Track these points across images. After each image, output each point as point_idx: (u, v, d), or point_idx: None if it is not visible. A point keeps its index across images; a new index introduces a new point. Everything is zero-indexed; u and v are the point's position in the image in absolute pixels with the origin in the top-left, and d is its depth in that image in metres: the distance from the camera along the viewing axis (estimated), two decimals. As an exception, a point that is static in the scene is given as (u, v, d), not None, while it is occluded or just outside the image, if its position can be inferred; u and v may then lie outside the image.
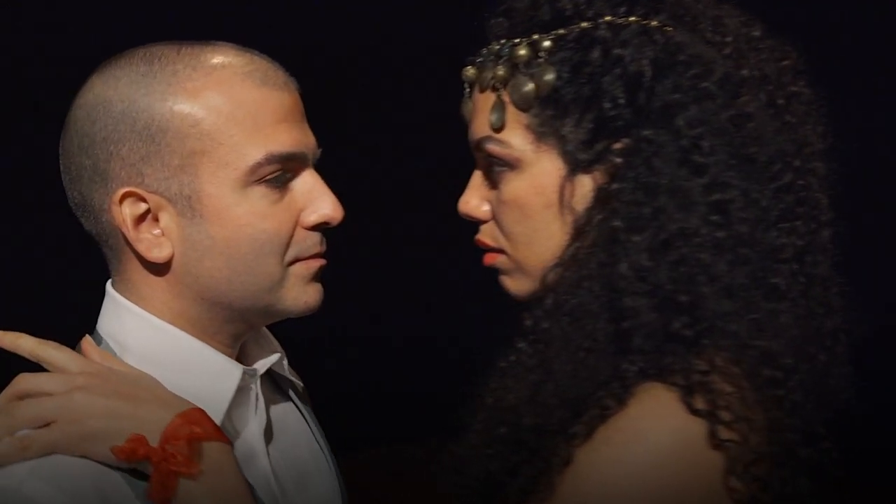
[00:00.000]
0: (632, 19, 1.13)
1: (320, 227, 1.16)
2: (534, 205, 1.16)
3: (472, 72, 1.22)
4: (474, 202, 1.23)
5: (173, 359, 1.13)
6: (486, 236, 1.23)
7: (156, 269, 1.13)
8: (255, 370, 1.19)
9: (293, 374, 1.33)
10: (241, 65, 1.12)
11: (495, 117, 1.17)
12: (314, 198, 1.15)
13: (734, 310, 1.08)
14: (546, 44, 1.15)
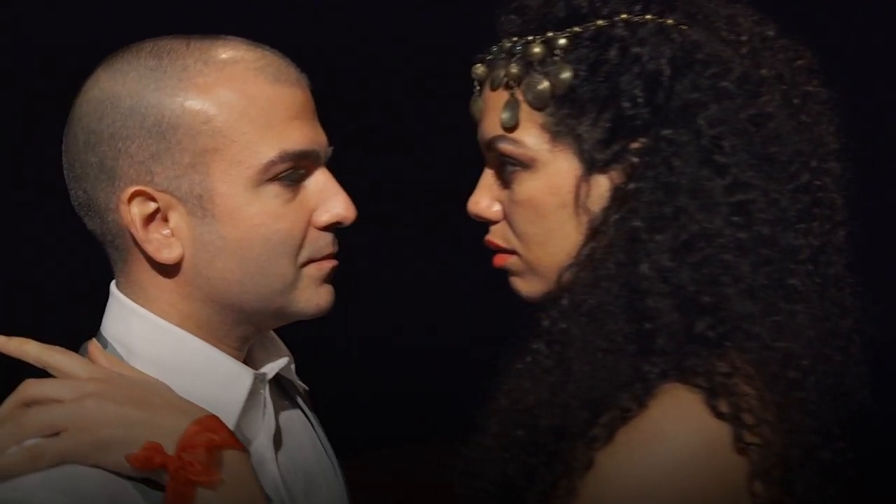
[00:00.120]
0: (648, 17, 1.13)
1: (332, 226, 1.13)
2: (548, 205, 1.14)
3: (482, 69, 1.20)
4: (485, 202, 1.21)
5: (182, 363, 1.10)
6: (497, 237, 1.21)
7: (164, 270, 1.09)
8: (264, 374, 1.16)
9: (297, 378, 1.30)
10: (254, 60, 1.09)
11: (508, 116, 1.15)
12: (327, 197, 1.12)
13: (757, 311, 1.08)
14: (562, 41, 1.13)
